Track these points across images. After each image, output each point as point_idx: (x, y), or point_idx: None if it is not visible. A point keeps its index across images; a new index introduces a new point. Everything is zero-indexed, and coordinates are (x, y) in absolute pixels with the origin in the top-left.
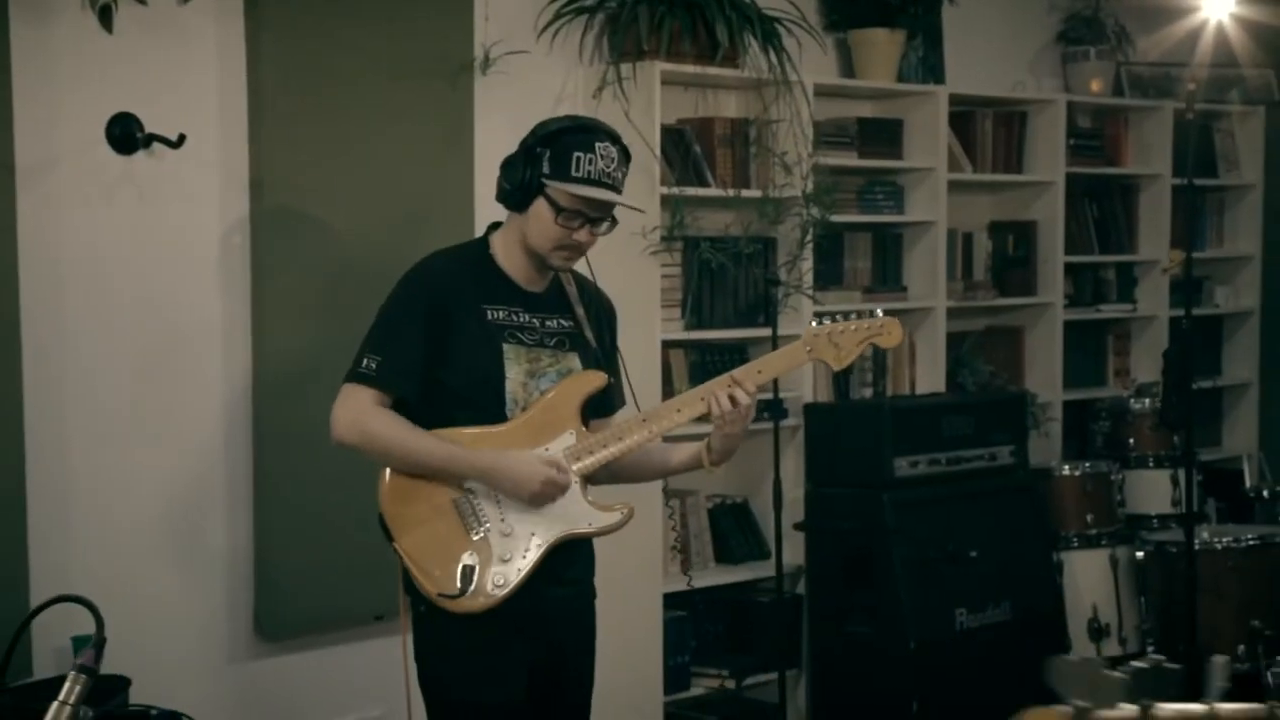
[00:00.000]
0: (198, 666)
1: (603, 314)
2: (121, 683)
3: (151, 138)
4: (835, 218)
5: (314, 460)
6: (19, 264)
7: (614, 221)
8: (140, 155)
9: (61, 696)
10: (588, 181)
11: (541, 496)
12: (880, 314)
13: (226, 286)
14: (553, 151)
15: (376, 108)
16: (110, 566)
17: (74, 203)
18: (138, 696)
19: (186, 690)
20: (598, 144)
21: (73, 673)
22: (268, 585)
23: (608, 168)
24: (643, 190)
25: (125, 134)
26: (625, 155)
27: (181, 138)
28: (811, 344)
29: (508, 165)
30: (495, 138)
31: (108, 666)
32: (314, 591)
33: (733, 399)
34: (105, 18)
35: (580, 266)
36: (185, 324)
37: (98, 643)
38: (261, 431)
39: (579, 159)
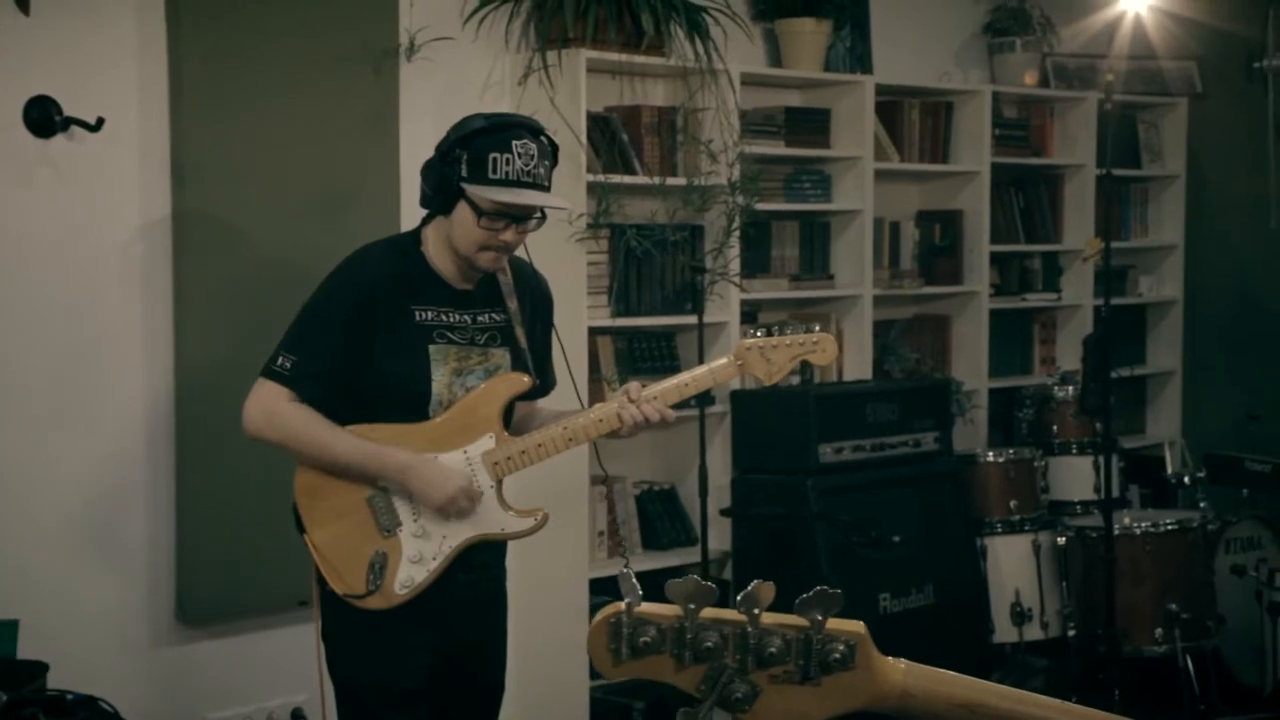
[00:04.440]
0: (118, 651)
1: (538, 300)
2: (39, 668)
3: (70, 121)
4: (762, 206)
5: (237, 446)
6: None
7: (542, 218)
8: (59, 139)
9: None
10: (506, 183)
11: (446, 509)
12: (817, 329)
13: (148, 272)
14: (469, 154)
15: (300, 93)
16: (29, 553)
17: None
18: (56, 681)
19: (107, 675)
20: (515, 142)
21: None
22: (189, 571)
23: (527, 165)
24: (569, 178)
25: (43, 117)
26: (549, 148)
27: (100, 121)
28: (743, 358)
29: (426, 170)
30: (420, 125)
31: (25, 652)
32: (236, 577)
33: (648, 419)
34: None
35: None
36: (106, 308)
37: None
38: (183, 419)
39: (495, 160)
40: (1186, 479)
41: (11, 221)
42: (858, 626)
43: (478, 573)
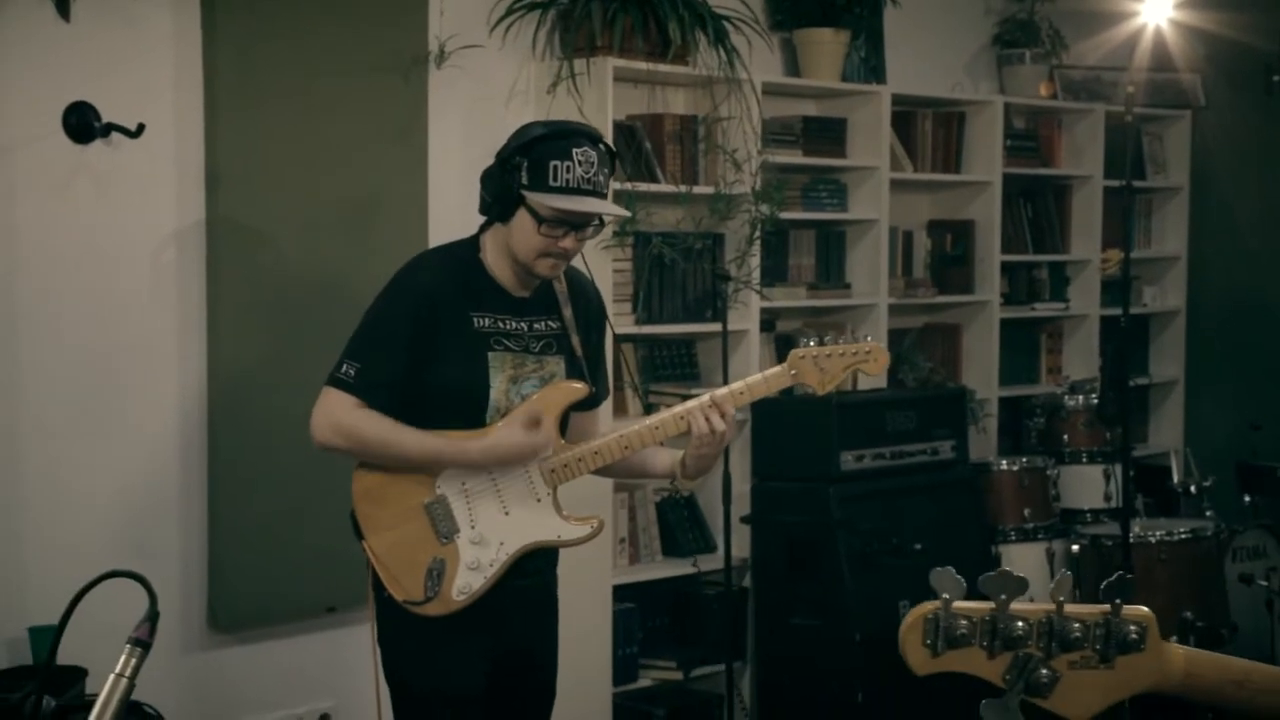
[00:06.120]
0: (152, 657)
1: (592, 309)
2: (79, 673)
3: (110, 127)
4: (780, 215)
5: (269, 453)
6: None
7: (601, 224)
8: (97, 144)
9: (118, 670)
10: (566, 191)
11: (535, 452)
12: (869, 338)
13: (182, 278)
14: (529, 161)
15: (332, 100)
16: (64, 558)
17: (29, 192)
18: (94, 688)
19: (141, 681)
20: (575, 150)
21: (128, 646)
22: (221, 577)
23: (587, 173)
24: None
25: (82, 123)
26: (608, 155)
27: (140, 127)
28: (797, 366)
29: (486, 177)
30: (449, 132)
31: (63, 658)
32: (267, 584)
33: (710, 422)
34: (62, 5)
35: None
36: (140, 315)
37: (151, 617)
38: (216, 426)
39: (556, 168)
40: (1193, 488)
41: (47, 227)
42: (1146, 611)
43: (531, 579)
